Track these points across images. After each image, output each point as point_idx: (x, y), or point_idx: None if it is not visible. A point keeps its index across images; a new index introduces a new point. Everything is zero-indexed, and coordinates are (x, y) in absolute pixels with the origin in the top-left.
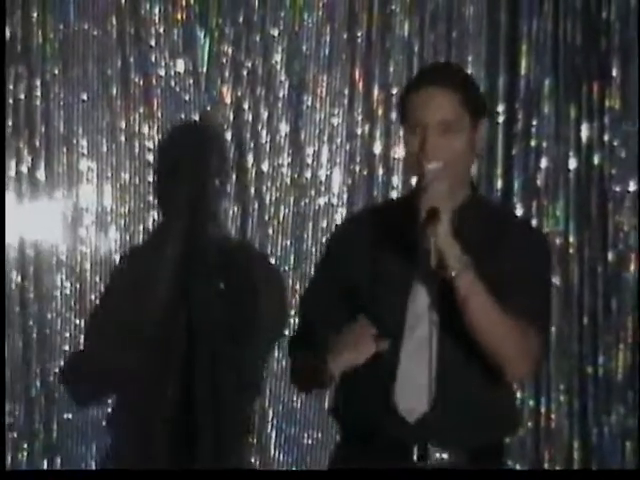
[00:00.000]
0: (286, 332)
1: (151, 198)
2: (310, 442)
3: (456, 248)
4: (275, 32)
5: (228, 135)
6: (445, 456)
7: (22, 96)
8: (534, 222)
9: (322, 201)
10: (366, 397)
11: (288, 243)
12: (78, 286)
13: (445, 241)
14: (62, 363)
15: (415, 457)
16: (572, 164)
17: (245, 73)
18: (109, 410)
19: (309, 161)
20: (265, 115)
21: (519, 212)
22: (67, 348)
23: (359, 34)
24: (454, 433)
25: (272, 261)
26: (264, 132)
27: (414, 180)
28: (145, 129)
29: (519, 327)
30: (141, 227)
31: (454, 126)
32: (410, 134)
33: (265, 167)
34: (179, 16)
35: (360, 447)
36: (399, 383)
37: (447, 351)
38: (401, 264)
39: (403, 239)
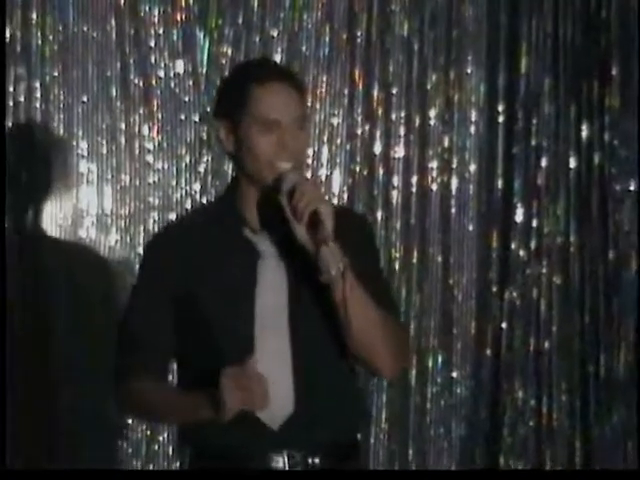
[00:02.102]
0: None
1: (151, 199)
2: None
3: (338, 251)
4: (275, 32)
5: None
6: (317, 461)
7: (22, 98)
8: (534, 222)
9: None
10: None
11: None
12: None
13: (326, 244)
14: None
15: (285, 465)
16: (572, 163)
17: None
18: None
19: (309, 161)
20: None
21: (520, 212)
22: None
23: (359, 34)
24: (319, 436)
25: None
26: None
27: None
28: (145, 130)
29: (392, 325)
30: (141, 228)
31: (302, 123)
32: (261, 132)
33: None
34: (178, 17)
35: (217, 465)
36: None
37: (302, 353)
38: (238, 267)
39: (234, 240)
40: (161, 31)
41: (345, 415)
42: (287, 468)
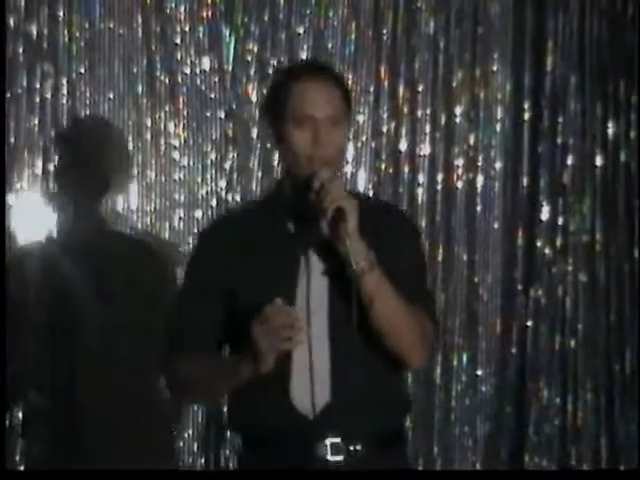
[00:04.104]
0: None
1: (177, 196)
2: None
3: (362, 246)
4: (300, 30)
5: (254, 133)
6: (359, 447)
7: (49, 95)
8: (560, 220)
9: None
10: (263, 400)
11: None
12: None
13: (352, 240)
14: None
15: (324, 453)
16: (598, 161)
17: (270, 71)
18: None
19: None
20: None
21: (545, 209)
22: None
23: (384, 31)
24: (355, 423)
25: None
26: None
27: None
28: (171, 127)
29: (418, 317)
30: (167, 225)
31: (338, 121)
32: (298, 127)
33: None
34: (204, 14)
35: (266, 454)
36: (294, 381)
37: (340, 344)
38: (282, 260)
39: (279, 233)
40: (187, 28)
41: (385, 404)
42: (330, 455)
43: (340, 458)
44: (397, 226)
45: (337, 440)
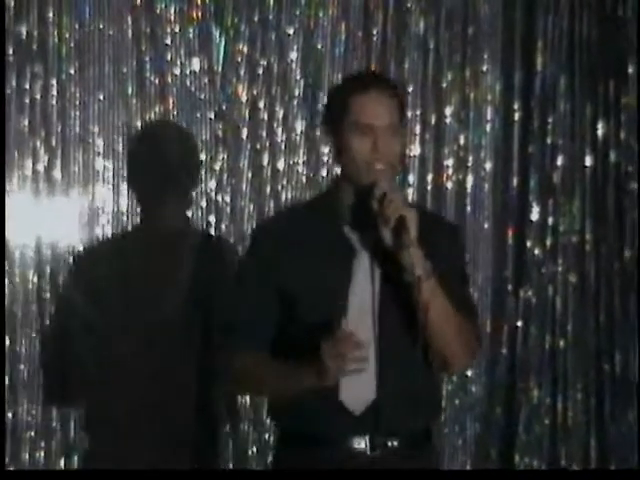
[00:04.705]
0: None
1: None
2: None
3: (421, 255)
4: (290, 30)
5: (244, 133)
6: (395, 443)
7: (38, 95)
8: (550, 220)
9: None
10: (311, 397)
11: None
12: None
13: (412, 249)
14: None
15: (366, 448)
16: (588, 162)
17: (260, 71)
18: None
19: (325, 159)
20: (280, 113)
21: (535, 210)
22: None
23: (374, 32)
24: (394, 420)
25: None
26: (280, 130)
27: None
28: None
29: (464, 326)
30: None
31: (397, 130)
32: (358, 135)
33: (281, 165)
34: (194, 15)
35: (304, 447)
36: (343, 380)
37: (387, 344)
38: (336, 262)
39: (335, 236)
40: (177, 29)
41: (422, 404)
42: (370, 450)
43: (377, 453)
44: (446, 237)
45: (376, 436)
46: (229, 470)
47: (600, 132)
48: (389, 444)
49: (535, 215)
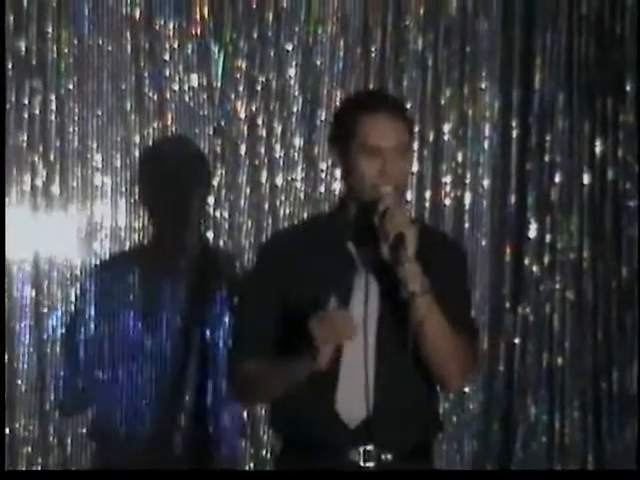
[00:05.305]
0: None
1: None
2: None
3: (418, 272)
4: (289, 47)
5: (242, 150)
6: (389, 457)
7: (37, 111)
8: (548, 237)
9: None
10: (308, 406)
11: None
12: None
13: (409, 265)
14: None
15: (359, 460)
16: (586, 179)
17: (259, 88)
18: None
19: (323, 175)
20: (279, 130)
21: (533, 227)
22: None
23: (373, 49)
24: (390, 435)
25: None
26: (278, 147)
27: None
28: None
29: (462, 343)
30: None
31: (405, 151)
32: (366, 157)
33: (279, 182)
34: (193, 31)
35: (303, 455)
36: (340, 391)
37: (384, 359)
38: (338, 275)
39: (338, 252)
40: (176, 45)
41: (419, 421)
42: (363, 462)
43: (371, 465)
44: (449, 257)
45: (370, 448)
46: (229, 470)
47: (598, 149)
48: (383, 457)
49: (533, 232)
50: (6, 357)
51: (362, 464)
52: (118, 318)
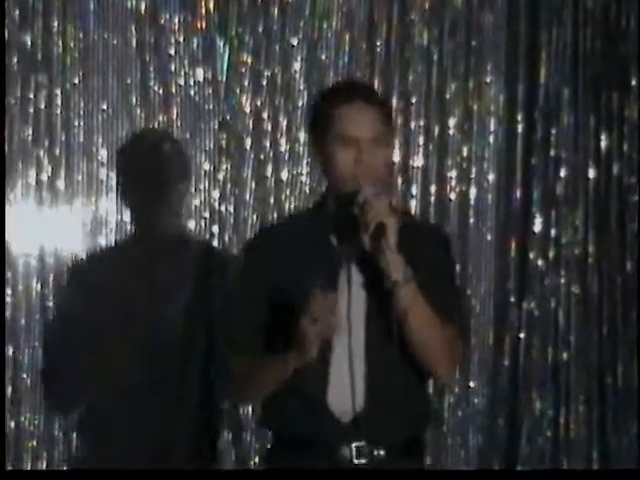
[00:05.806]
0: None
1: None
2: None
3: (400, 260)
4: (294, 41)
5: (247, 144)
6: (382, 452)
7: (42, 105)
8: (553, 232)
9: None
10: (300, 402)
11: None
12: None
13: (391, 255)
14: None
15: (352, 456)
16: (591, 174)
17: (264, 82)
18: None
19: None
20: (284, 124)
21: (538, 221)
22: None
23: (378, 43)
24: (382, 429)
25: None
26: (283, 141)
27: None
28: None
29: (448, 332)
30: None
31: (383, 141)
32: (342, 147)
33: (284, 176)
34: (198, 25)
35: (295, 450)
36: (332, 386)
37: (375, 353)
38: (326, 270)
39: (321, 245)
40: (181, 39)
41: (411, 414)
42: (354, 458)
43: (363, 461)
44: (432, 244)
45: (363, 444)
46: (229, 470)
47: (603, 144)
48: (375, 453)
49: (538, 227)
50: (11, 351)
51: (355, 461)
52: (116, 314)
